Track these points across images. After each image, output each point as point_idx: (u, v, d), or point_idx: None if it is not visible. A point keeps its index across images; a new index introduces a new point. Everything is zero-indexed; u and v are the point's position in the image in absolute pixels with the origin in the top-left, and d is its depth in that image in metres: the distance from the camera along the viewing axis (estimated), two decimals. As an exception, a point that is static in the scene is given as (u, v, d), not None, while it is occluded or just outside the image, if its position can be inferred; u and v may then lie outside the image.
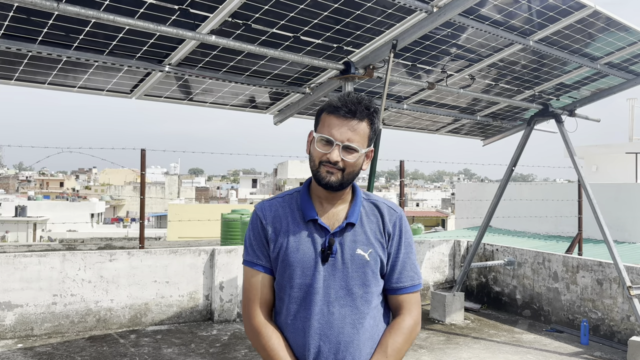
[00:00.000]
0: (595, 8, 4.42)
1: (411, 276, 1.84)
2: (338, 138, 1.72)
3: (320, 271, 1.75)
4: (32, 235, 33.62)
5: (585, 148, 20.02)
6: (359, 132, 1.74)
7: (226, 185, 77.07)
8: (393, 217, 1.86)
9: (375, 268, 1.79)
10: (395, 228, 1.84)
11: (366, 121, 1.76)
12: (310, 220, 1.79)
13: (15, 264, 5.88)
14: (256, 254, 1.83)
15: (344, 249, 1.77)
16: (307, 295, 1.75)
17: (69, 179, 76.03)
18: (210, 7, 3.70)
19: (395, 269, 1.83)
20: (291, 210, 1.83)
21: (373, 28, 4.28)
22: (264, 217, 1.84)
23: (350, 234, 1.79)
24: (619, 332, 6.09)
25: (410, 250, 1.86)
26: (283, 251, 1.78)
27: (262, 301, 1.81)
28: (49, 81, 4.60)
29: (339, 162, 1.72)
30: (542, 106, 6.48)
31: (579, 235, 9.82)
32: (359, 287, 1.76)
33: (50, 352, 5.42)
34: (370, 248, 1.78)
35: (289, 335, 1.77)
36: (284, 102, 5.80)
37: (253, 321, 1.80)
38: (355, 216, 1.80)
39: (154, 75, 4.68)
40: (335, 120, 1.74)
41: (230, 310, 6.82)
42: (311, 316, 1.73)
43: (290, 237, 1.78)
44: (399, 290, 1.83)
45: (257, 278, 1.82)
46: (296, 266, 1.76)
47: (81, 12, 3.32)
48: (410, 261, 1.85)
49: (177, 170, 72.46)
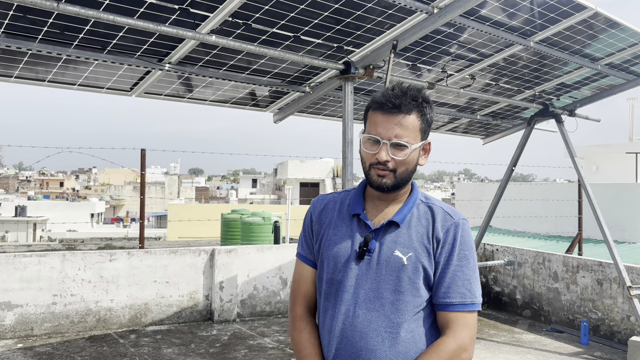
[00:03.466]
0: (596, 10, 4.42)
1: (462, 293, 1.60)
2: (385, 136, 1.60)
3: (353, 268, 1.64)
4: (32, 235, 33.60)
5: (586, 148, 20.03)
6: (407, 126, 1.61)
7: (226, 185, 77.05)
8: (447, 222, 1.66)
9: (413, 275, 1.60)
10: (448, 235, 1.64)
11: (415, 113, 1.62)
12: (355, 215, 1.70)
13: (15, 264, 5.87)
14: (304, 247, 1.80)
15: (382, 249, 1.63)
16: (337, 292, 1.65)
17: (69, 179, 76.01)
18: (210, 7, 3.70)
19: (443, 282, 1.62)
20: (341, 205, 1.76)
21: (373, 28, 4.27)
22: (314, 210, 1.79)
23: (392, 235, 1.65)
24: (619, 332, 6.09)
25: (465, 264, 1.63)
26: (322, 244, 1.72)
27: (303, 294, 1.77)
28: (49, 79, 4.60)
29: (389, 162, 1.61)
30: (542, 106, 6.48)
31: (579, 235, 9.82)
32: (390, 293, 1.60)
33: (50, 352, 5.41)
34: (410, 252, 1.62)
35: (320, 332, 1.71)
36: (284, 100, 5.80)
37: (291, 313, 1.78)
38: (402, 216, 1.66)
39: (154, 74, 4.69)
40: (380, 116, 1.62)
41: (230, 310, 6.82)
42: (337, 315, 1.63)
43: (332, 231, 1.71)
44: (446, 307, 1.61)
45: (301, 270, 1.79)
46: (330, 260, 1.68)
47: (81, 12, 3.31)
48: (463, 275, 1.62)
49: (177, 170, 72.45)
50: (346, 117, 4.53)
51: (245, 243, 9.50)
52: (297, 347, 1.71)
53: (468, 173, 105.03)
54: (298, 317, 1.74)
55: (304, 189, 37.11)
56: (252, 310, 7.02)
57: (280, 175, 41.08)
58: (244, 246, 7.41)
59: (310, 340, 1.69)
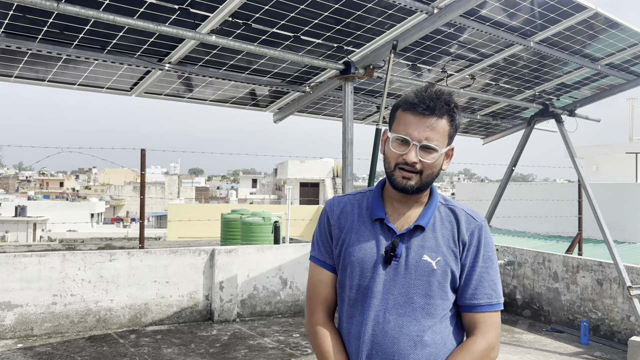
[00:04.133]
0: (596, 10, 4.42)
1: (488, 294, 1.63)
2: (415, 137, 1.58)
3: (380, 274, 1.62)
4: (32, 235, 33.59)
5: (586, 148, 20.03)
6: (438, 130, 1.60)
7: (226, 185, 77.04)
8: (471, 225, 1.67)
9: (442, 279, 1.61)
10: (473, 238, 1.65)
11: (446, 118, 1.61)
12: (377, 219, 1.67)
13: (15, 264, 5.87)
14: (320, 250, 1.75)
15: (410, 254, 1.62)
16: (365, 298, 1.63)
17: (69, 179, 76.00)
18: (210, 7, 3.70)
19: (469, 284, 1.64)
20: (360, 208, 1.73)
21: (373, 28, 4.27)
22: (331, 213, 1.75)
23: (418, 239, 1.64)
24: (619, 332, 6.09)
25: (490, 265, 1.65)
26: (345, 249, 1.68)
27: (323, 300, 1.73)
28: (49, 78, 4.60)
29: (417, 164, 1.59)
30: (542, 106, 6.48)
31: (579, 235, 9.82)
32: (420, 297, 1.60)
33: (50, 352, 5.41)
34: (439, 256, 1.62)
35: (345, 339, 1.68)
36: (284, 100, 5.80)
37: (311, 320, 1.73)
38: (427, 220, 1.65)
39: (154, 74, 4.69)
40: (411, 117, 1.60)
41: (230, 310, 6.82)
42: (366, 321, 1.61)
43: (354, 235, 1.68)
44: (474, 308, 1.63)
45: (320, 275, 1.74)
46: (356, 265, 1.65)
47: (81, 12, 3.31)
48: (488, 277, 1.65)
49: (177, 170, 72.44)
50: (346, 117, 4.52)
51: (245, 243, 9.50)
52: (323, 354, 1.66)
53: (468, 173, 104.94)
54: (320, 323, 1.71)
55: (304, 189, 37.11)
56: (252, 310, 7.02)
57: (280, 175, 41.07)
58: (244, 246, 7.41)
59: (337, 347, 1.66)
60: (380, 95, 5.86)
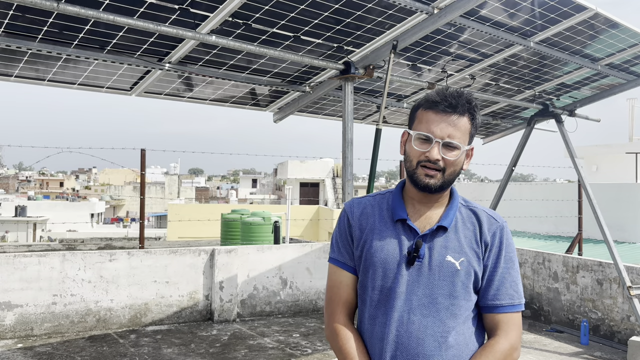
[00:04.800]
0: (596, 10, 4.42)
1: (510, 294, 1.64)
2: (438, 135, 1.59)
3: (403, 275, 1.61)
4: (32, 235, 33.61)
5: (586, 148, 20.03)
6: (460, 127, 1.60)
7: (226, 185, 77.07)
8: (493, 226, 1.68)
9: (466, 279, 1.62)
10: (495, 239, 1.66)
11: (467, 116, 1.62)
12: (399, 220, 1.67)
13: (15, 264, 5.87)
14: (341, 252, 1.74)
15: (433, 254, 1.62)
16: (388, 299, 1.62)
17: (69, 179, 76.03)
18: (210, 7, 3.70)
19: (492, 284, 1.64)
20: (380, 209, 1.72)
21: (373, 28, 4.27)
22: (351, 215, 1.74)
23: (441, 239, 1.64)
24: (619, 332, 6.09)
25: (511, 266, 1.66)
26: (367, 250, 1.67)
27: (343, 301, 1.72)
28: (49, 78, 4.60)
29: (439, 161, 1.59)
30: (542, 106, 6.48)
31: (579, 235, 9.82)
32: (445, 298, 1.60)
33: (50, 352, 5.41)
34: (462, 257, 1.62)
35: (367, 340, 1.67)
36: (284, 100, 5.80)
37: (332, 321, 1.71)
38: (449, 220, 1.66)
39: (154, 73, 4.69)
40: (433, 115, 1.61)
41: (230, 310, 6.82)
42: (390, 322, 1.60)
43: (376, 236, 1.67)
44: (496, 309, 1.64)
45: (340, 277, 1.74)
46: (378, 267, 1.64)
47: (81, 12, 3.31)
48: (510, 277, 1.65)
49: (177, 170, 72.45)
50: (346, 117, 4.52)
51: (245, 243, 9.51)
52: (346, 356, 1.65)
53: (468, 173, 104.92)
54: (342, 324, 1.70)
55: (304, 189, 37.12)
56: (252, 310, 7.02)
57: (280, 175, 41.08)
58: (244, 246, 7.41)
59: (359, 349, 1.65)
60: (380, 95, 5.86)
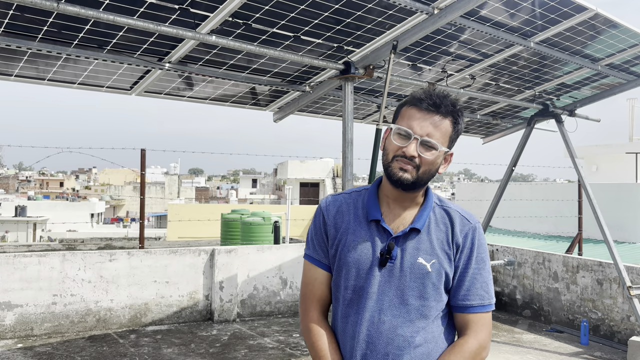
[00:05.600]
0: (596, 11, 4.42)
1: (481, 295, 1.66)
2: (417, 132, 1.59)
3: (375, 276, 1.63)
4: (32, 235, 33.59)
5: (586, 148, 20.03)
6: (440, 128, 1.60)
7: (226, 185, 77.06)
8: (465, 227, 1.68)
9: (437, 281, 1.63)
10: (467, 240, 1.67)
11: (450, 119, 1.62)
12: (373, 220, 1.68)
13: (15, 264, 5.87)
14: (316, 249, 1.76)
15: (405, 256, 1.63)
16: (360, 299, 1.65)
17: (69, 179, 76.01)
18: (210, 7, 3.70)
19: (462, 285, 1.66)
20: (355, 207, 1.73)
21: (373, 28, 4.27)
22: (327, 213, 1.75)
23: (413, 241, 1.65)
24: (619, 332, 6.09)
25: (482, 267, 1.68)
26: (341, 249, 1.68)
27: (317, 298, 1.74)
28: (49, 77, 4.61)
29: (415, 158, 1.59)
30: (542, 106, 6.48)
31: (579, 235, 9.82)
32: (415, 299, 1.62)
33: (50, 352, 5.41)
34: (433, 258, 1.64)
35: (339, 338, 1.70)
36: (284, 99, 5.80)
37: (306, 318, 1.74)
38: (422, 222, 1.66)
39: (154, 73, 4.69)
40: (416, 112, 1.61)
41: (230, 310, 6.82)
42: (361, 322, 1.63)
43: (350, 236, 1.68)
44: (466, 309, 1.66)
45: (314, 274, 1.76)
46: (351, 266, 1.66)
47: (81, 12, 3.31)
48: (481, 278, 1.67)
49: (177, 170, 72.45)
50: (346, 117, 4.52)
51: (245, 243, 9.50)
52: (318, 352, 1.68)
53: (468, 173, 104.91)
54: (315, 321, 1.72)
55: (304, 189, 37.11)
56: (252, 310, 7.02)
57: (280, 175, 41.06)
58: (244, 246, 7.41)
59: (332, 346, 1.68)
60: (380, 95, 5.86)
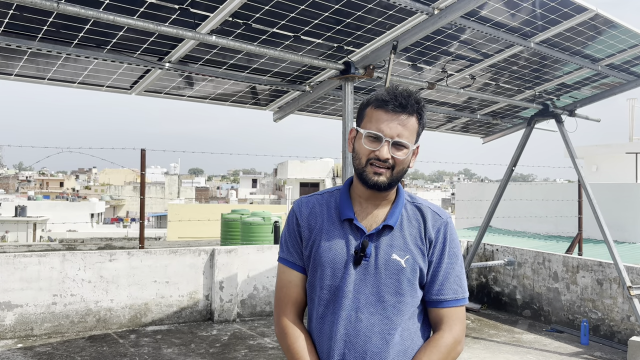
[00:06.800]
0: (596, 11, 4.42)
1: (454, 289, 1.68)
2: (387, 134, 1.62)
3: (351, 274, 1.64)
4: (32, 235, 33.58)
5: (586, 148, 20.01)
6: (408, 127, 1.64)
7: (226, 185, 77.07)
8: (437, 222, 1.71)
9: (411, 276, 1.65)
10: (439, 235, 1.70)
11: (415, 116, 1.66)
12: (346, 220, 1.69)
13: (15, 264, 5.87)
14: (290, 251, 1.76)
15: (379, 253, 1.65)
16: (336, 298, 1.65)
17: (69, 179, 76.00)
18: (210, 7, 3.70)
19: (436, 280, 1.68)
20: (328, 208, 1.74)
21: (373, 29, 4.27)
22: (300, 215, 1.76)
23: (387, 238, 1.67)
24: (619, 332, 6.09)
25: (455, 261, 1.70)
26: (315, 250, 1.69)
27: (292, 300, 1.74)
28: (49, 76, 4.61)
29: (389, 160, 1.62)
30: (542, 106, 6.48)
31: (579, 235, 9.82)
32: (391, 295, 1.64)
33: (50, 352, 5.41)
34: (407, 254, 1.66)
35: (315, 339, 1.69)
36: (284, 99, 5.80)
37: (281, 320, 1.74)
38: (395, 219, 1.68)
39: (154, 72, 4.69)
40: (383, 114, 1.63)
41: (230, 310, 6.82)
42: (338, 321, 1.63)
43: (324, 236, 1.69)
44: (440, 304, 1.68)
45: (289, 276, 1.75)
46: (327, 266, 1.67)
47: (81, 12, 3.31)
48: (454, 272, 1.69)
49: (177, 170, 72.42)
50: (346, 117, 4.52)
51: (245, 243, 9.51)
52: (293, 355, 1.67)
53: (468, 173, 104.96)
54: (289, 325, 1.72)
55: (304, 189, 37.10)
56: (252, 310, 7.02)
57: (280, 175, 41.06)
58: (244, 246, 7.41)
59: (308, 347, 1.68)
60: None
